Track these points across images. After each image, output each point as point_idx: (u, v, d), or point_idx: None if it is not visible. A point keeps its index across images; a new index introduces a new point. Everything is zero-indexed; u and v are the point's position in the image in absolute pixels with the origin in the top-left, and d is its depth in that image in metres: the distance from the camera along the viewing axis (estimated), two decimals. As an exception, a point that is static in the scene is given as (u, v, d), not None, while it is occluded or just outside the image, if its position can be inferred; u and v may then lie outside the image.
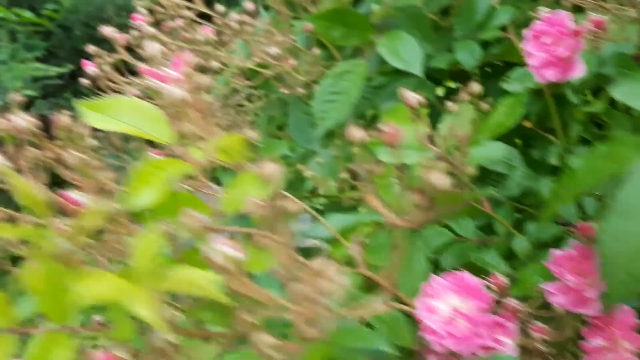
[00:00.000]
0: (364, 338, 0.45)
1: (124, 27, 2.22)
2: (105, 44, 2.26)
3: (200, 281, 0.35)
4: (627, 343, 0.49)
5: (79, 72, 2.13)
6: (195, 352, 0.43)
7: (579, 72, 0.62)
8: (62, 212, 0.39)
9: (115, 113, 0.44)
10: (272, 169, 0.37)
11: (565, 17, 0.61)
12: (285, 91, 0.97)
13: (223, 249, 0.35)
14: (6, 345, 0.38)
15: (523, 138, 0.85)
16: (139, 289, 0.35)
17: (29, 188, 0.38)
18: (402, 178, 0.45)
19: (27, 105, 2.01)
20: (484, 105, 0.67)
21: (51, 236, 0.36)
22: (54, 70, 1.98)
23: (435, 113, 0.64)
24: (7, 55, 1.92)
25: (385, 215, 0.44)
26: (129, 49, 0.95)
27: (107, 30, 0.90)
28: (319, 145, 0.90)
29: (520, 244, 0.69)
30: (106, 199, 0.38)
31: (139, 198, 0.39)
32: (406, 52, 0.80)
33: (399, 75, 0.82)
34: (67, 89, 2.21)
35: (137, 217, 0.40)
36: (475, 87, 0.57)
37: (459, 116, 0.59)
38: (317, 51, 0.94)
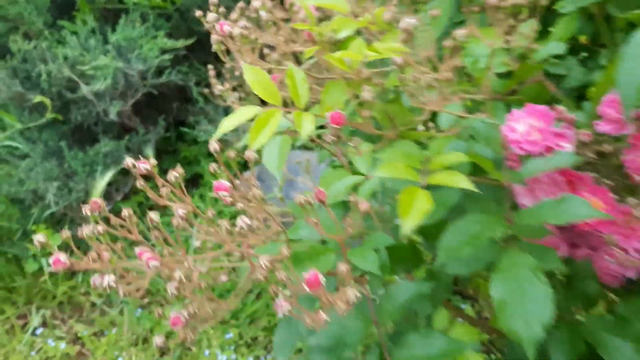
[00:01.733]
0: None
1: (230, 9, 2.42)
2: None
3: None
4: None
5: (193, 46, 2.33)
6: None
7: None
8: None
9: None
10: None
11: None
12: None
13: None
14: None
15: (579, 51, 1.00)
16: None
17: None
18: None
19: (161, 72, 2.22)
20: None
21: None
22: (180, 43, 2.17)
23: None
24: (142, 32, 2.13)
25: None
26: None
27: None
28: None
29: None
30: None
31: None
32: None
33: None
34: (187, 60, 2.39)
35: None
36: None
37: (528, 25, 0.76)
38: None
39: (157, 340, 0.62)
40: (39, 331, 2.24)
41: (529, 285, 0.53)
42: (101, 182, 2.10)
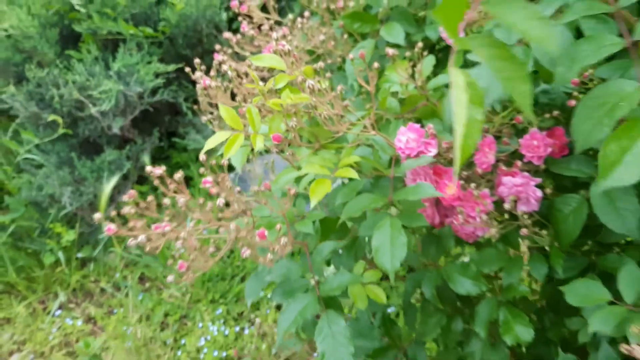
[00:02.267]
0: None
1: (210, 36, 2.72)
2: (198, 47, 2.74)
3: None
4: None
5: (182, 69, 2.60)
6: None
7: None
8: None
9: (262, 60, 0.91)
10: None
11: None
12: (329, 61, 1.28)
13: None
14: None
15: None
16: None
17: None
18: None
19: (155, 91, 2.50)
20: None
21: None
22: (171, 67, 2.44)
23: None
24: (138, 59, 2.41)
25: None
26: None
27: (226, 34, 1.23)
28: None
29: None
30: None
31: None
32: (396, 33, 1.22)
33: (391, 45, 1.26)
34: (177, 80, 2.66)
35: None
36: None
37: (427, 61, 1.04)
38: (346, 37, 1.25)
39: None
40: (57, 313, 2.53)
41: (394, 237, 0.82)
42: (108, 186, 2.38)
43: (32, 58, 2.48)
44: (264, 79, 0.98)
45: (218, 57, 1.08)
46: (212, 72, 0.98)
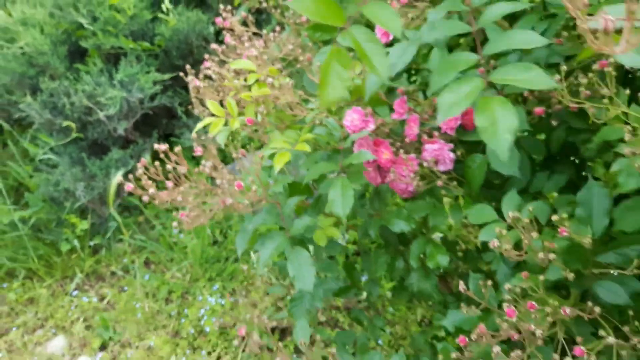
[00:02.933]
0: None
1: (200, 47, 2.96)
2: (190, 58, 2.97)
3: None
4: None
5: (177, 77, 2.85)
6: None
7: None
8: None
9: (237, 64, 1.15)
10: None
11: None
12: (299, 66, 1.62)
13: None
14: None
15: (409, 72, 1.56)
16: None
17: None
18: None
19: (153, 97, 2.74)
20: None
21: None
22: (167, 76, 2.68)
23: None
24: (138, 70, 2.65)
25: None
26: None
27: (213, 46, 1.54)
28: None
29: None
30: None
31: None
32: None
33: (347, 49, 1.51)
34: (172, 87, 2.89)
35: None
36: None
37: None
38: (311, 44, 1.41)
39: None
40: (75, 293, 2.76)
41: (344, 192, 1.06)
42: (114, 181, 2.61)
43: (45, 72, 2.71)
44: (245, 80, 1.23)
45: (206, 64, 1.32)
46: (201, 76, 1.22)
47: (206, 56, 1.46)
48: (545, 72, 0.80)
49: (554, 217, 0.85)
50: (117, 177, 2.58)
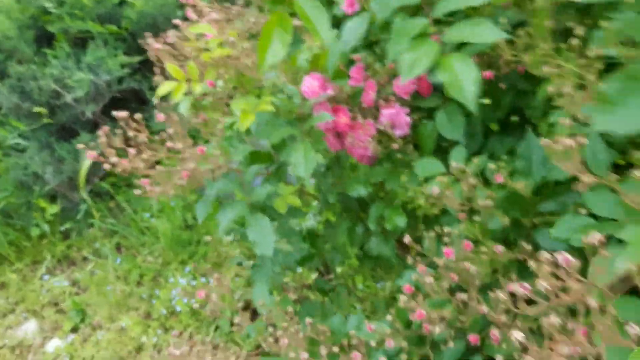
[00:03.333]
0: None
1: (168, 30, 2.91)
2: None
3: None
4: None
5: (144, 60, 2.84)
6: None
7: None
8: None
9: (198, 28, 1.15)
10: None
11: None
12: None
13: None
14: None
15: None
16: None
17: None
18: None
19: (121, 80, 2.72)
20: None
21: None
22: (136, 59, 2.67)
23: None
24: (105, 53, 2.64)
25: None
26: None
27: (175, 21, 1.55)
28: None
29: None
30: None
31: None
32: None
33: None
34: (140, 71, 2.88)
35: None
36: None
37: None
38: None
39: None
40: (46, 277, 2.74)
41: (307, 155, 1.07)
42: (84, 165, 2.60)
43: (13, 56, 2.68)
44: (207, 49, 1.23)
45: (169, 35, 1.32)
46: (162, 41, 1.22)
47: (169, 31, 1.46)
48: (494, 25, 0.82)
49: (491, 166, 0.88)
50: (87, 161, 2.56)
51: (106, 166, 1.06)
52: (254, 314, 2.40)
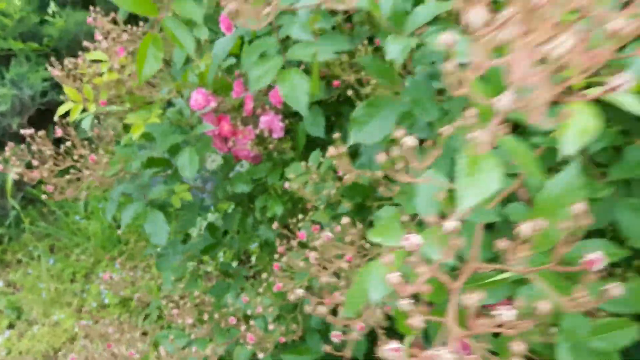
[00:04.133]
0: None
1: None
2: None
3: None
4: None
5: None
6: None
7: None
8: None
9: (92, 55, 1.28)
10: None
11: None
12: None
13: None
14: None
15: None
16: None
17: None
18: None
19: (44, 93, 2.79)
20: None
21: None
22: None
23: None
24: (28, 68, 2.70)
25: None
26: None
27: (86, 43, 1.67)
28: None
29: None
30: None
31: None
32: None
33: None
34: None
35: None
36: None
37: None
38: None
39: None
40: (-20, 281, 2.81)
41: (192, 159, 1.22)
42: (10, 176, 2.66)
43: (-63, 74, 2.72)
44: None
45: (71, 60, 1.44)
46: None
47: (80, 53, 1.57)
48: (327, 47, 0.99)
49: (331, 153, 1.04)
50: (12, 173, 2.63)
51: (14, 176, 1.18)
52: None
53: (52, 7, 2.74)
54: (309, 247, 1.04)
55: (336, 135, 0.86)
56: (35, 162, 1.17)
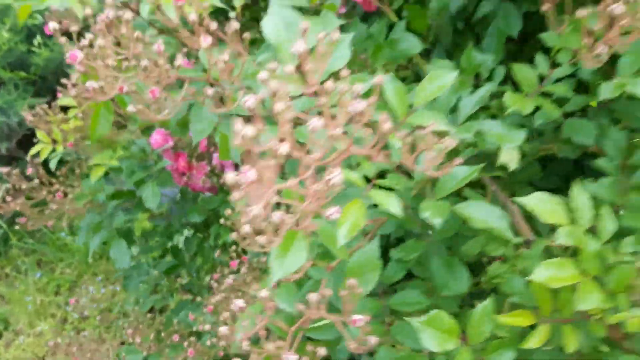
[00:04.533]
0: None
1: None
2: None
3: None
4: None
5: (53, 101, 3.03)
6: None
7: None
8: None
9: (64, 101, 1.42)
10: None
11: None
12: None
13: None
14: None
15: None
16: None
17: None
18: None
19: (31, 120, 2.92)
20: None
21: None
22: (43, 100, 2.89)
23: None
24: (16, 96, 2.84)
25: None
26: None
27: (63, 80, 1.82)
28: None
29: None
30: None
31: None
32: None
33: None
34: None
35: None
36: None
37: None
38: None
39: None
40: (-29, 294, 2.93)
41: (153, 192, 1.36)
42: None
43: None
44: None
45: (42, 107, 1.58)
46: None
47: (59, 89, 1.71)
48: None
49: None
50: (2, 191, 2.76)
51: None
52: (162, 312, 2.66)
53: (38, 39, 2.88)
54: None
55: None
56: (8, 198, 1.31)
